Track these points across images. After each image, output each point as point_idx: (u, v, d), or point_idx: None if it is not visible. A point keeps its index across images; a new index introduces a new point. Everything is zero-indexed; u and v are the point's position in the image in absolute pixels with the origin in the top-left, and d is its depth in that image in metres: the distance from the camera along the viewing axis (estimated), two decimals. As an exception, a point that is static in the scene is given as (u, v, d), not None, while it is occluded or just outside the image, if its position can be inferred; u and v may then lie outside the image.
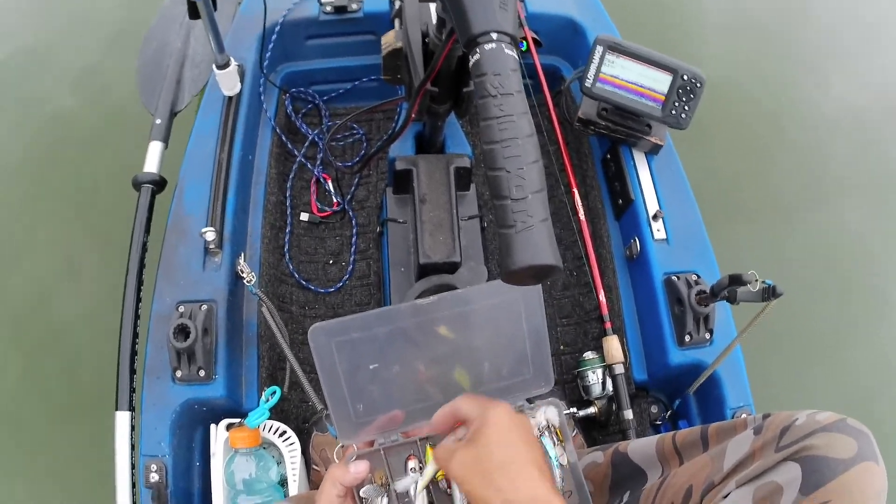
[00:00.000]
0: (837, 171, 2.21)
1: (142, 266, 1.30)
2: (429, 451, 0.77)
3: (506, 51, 0.83)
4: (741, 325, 1.14)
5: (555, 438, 0.81)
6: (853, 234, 2.09)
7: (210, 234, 1.27)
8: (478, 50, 0.84)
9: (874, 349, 1.93)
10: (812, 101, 2.34)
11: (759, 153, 2.22)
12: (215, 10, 1.31)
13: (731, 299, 1.14)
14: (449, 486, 0.74)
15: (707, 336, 1.30)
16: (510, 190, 0.75)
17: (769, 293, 1.05)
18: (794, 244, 2.05)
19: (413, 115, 1.19)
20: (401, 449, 0.77)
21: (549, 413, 0.82)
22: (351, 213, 1.62)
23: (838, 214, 2.12)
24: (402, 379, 0.78)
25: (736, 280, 1.13)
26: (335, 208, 1.63)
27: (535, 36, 1.48)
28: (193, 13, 1.29)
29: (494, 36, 0.84)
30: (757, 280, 1.08)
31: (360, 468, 0.70)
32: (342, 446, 0.79)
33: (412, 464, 0.77)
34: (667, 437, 0.87)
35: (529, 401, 0.84)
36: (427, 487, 0.74)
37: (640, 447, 0.90)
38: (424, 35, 1.19)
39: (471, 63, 0.85)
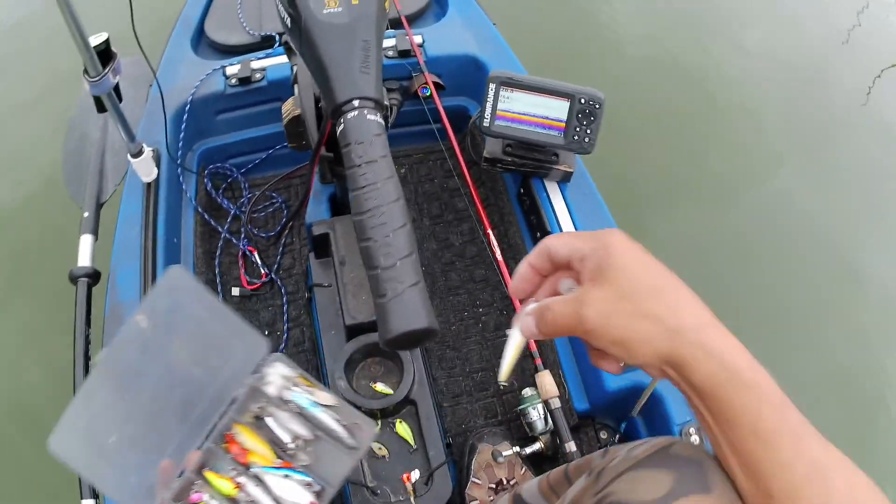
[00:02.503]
0: (768, 139, 2.27)
1: (87, 359, 1.31)
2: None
3: (368, 117, 0.85)
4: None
5: (306, 388, 0.83)
6: (795, 202, 2.13)
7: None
8: (342, 120, 0.86)
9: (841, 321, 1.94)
10: (731, 67, 2.42)
11: (689, 136, 2.28)
12: (120, 100, 1.33)
13: None
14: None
15: None
16: (378, 259, 0.76)
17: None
18: (737, 223, 2.08)
19: (311, 183, 1.21)
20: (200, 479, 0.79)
21: (281, 370, 0.84)
22: (279, 283, 1.62)
23: (777, 184, 2.17)
24: (144, 430, 0.80)
25: None
26: (264, 279, 1.63)
27: (436, 80, 1.50)
28: (100, 106, 1.31)
29: (356, 103, 0.86)
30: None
31: None
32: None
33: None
34: (545, 476, 0.88)
35: (256, 372, 0.84)
36: None
37: (529, 488, 0.91)
38: (317, 100, 1.21)
39: (337, 133, 0.86)
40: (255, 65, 1.64)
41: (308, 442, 0.81)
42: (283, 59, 1.64)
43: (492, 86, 1.33)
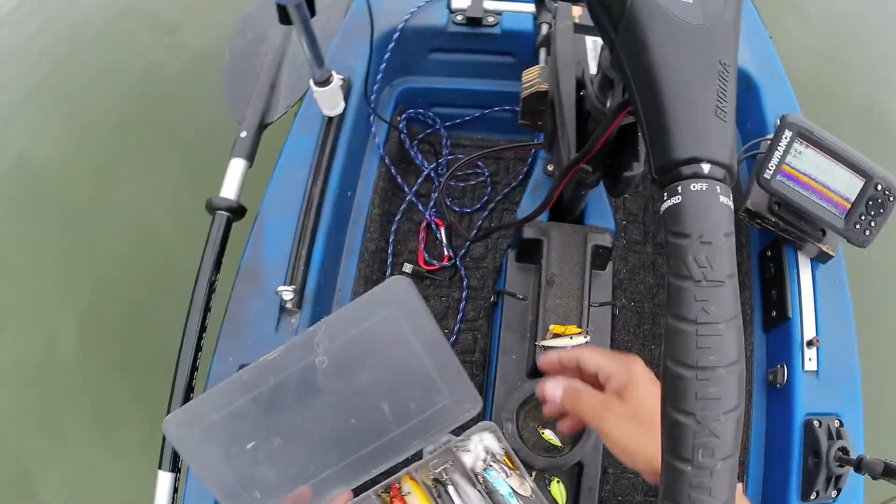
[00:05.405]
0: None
1: (207, 309, 1.11)
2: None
3: (721, 199, 0.55)
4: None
5: (506, 468, 0.75)
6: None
7: (287, 294, 1.08)
8: (679, 188, 0.55)
9: None
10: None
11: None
12: (313, 14, 1.07)
13: (874, 475, 0.99)
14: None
15: (833, 494, 1.09)
16: (694, 450, 0.50)
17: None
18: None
19: (552, 201, 0.96)
20: None
21: (487, 440, 0.76)
22: (462, 273, 1.39)
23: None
24: (293, 449, 0.71)
25: (892, 472, 0.96)
26: (445, 263, 1.39)
27: None
28: (283, 17, 1.05)
29: (706, 168, 0.54)
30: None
31: None
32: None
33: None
34: None
35: (456, 433, 0.76)
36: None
37: None
38: (580, 83, 0.90)
39: (664, 206, 0.58)
40: (489, 5, 1.37)
41: None
42: (527, 7, 1.35)
43: (787, 133, 1.07)
